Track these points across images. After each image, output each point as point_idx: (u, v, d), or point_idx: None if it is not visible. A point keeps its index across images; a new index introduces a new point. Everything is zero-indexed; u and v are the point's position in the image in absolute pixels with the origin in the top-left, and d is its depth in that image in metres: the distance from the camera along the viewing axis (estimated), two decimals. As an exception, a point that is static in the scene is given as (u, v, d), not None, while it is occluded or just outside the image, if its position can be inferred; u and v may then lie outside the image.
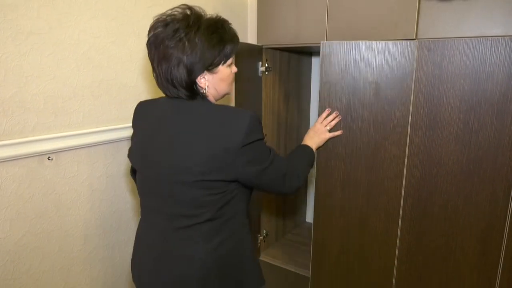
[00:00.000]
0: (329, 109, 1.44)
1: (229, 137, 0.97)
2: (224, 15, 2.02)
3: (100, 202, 1.58)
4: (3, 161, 1.26)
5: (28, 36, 1.28)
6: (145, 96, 1.70)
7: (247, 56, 1.60)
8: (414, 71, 1.37)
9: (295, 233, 2.13)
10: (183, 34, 0.97)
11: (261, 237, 1.87)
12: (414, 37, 1.34)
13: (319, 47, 1.63)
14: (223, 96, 1.12)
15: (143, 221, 1.18)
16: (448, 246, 1.42)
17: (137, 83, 1.66)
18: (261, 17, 1.68)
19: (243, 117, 0.98)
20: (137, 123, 1.17)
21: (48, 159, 1.38)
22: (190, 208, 1.03)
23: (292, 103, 1.96)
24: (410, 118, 1.41)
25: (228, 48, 1.03)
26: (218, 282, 1.06)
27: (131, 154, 1.20)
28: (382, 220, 1.48)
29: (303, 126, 2.10)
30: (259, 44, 1.69)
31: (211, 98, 1.08)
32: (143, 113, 1.16)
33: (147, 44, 1.05)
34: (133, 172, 1.30)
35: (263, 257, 1.87)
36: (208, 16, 1.06)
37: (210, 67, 1.01)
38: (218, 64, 1.03)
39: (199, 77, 1.01)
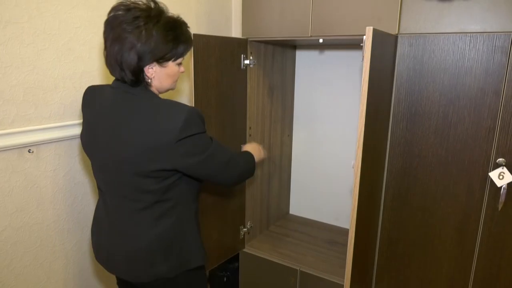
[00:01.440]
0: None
1: (165, 132, 1.02)
2: (208, 8, 2.03)
3: (83, 196, 1.56)
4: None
5: (6, 25, 1.24)
6: (128, 88, 1.68)
7: (231, 49, 1.59)
8: (396, 66, 1.40)
9: (278, 225, 2.15)
10: (142, 23, 1.02)
11: (245, 229, 1.89)
12: (397, 32, 1.37)
13: (303, 40, 1.64)
14: (166, 91, 1.18)
15: (99, 201, 1.26)
16: (427, 235, 1.47)
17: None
18: (246, 10, 1.67)
19: (179, 112, 1.04)
20: (85, 109, 1.21)
21: (29, 151, 1.35)
22: (136, 193, 1.11)
23: (276, 96, 1.97)
24: (392, 111, 1.44)
25: (181, 48, 1.09)
26: (164, 257, 1.15)
27: (82, 139, 1.23)
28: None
29: (287, 118, 2.12)
30: (244, 37, 1.69)
31: (153, 89, 1.13)
32: (91, 99, 1.20)
33: (104, 23, 1.07)
34: None
35: (247, 249, 1.89)
36: (170, 14, 1.10)
37: (161, 60, 1.07)
38: (169, 60, 1.09)
39: (147, 66, 1.06)
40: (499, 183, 1.29)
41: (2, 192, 1.30)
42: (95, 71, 1.53)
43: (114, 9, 1.05)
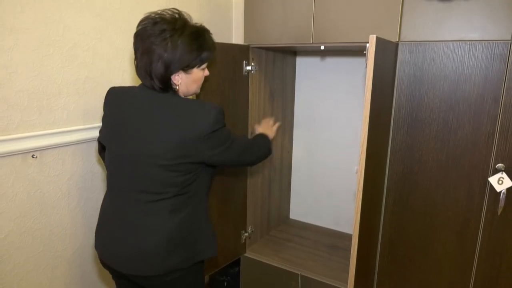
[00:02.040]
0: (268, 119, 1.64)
1: (197, 127, 1.11)
2: (210, 15, 2.05)
3: (85, 201, 1.56)
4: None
5: (12, 31, 1.25)
6: (130, 93, 1.69)
7: (233, 55, 1.61)
8: (397, 72, 1.42)
9: (279, 230, 2.16)
10: (168, 35, 1.09)
11: (246, 233, 1.90)
12: (397, 40, 1.40)
13: (303, 46, 1.66)
14: (192, 95, 1.26)
15: (110, 195, 1.27)
16: (428, 239, 1.49)
17: (122, 81, 1.65)
18: (248, 16, 1.69)
19: (209, 109, 1.13)
20: (111, 107, 1.26)
21: (32, 157, 1.36)
22: (159, 186, 1.16)
23: (277, 102, 1.99)
24: (392, 117, 1.46)
25: (204, 55, 1.17)
26: (180, 248, 1.20)
27: (103, 135, 1.28)
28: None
29: (287, 124, 2.14)
30: (246, 44, 1.71)
31: (180, 94, 1.20)
32: (118, 98, 1.25)
33: (134, 35, 1.16)
34: (102, 149, 1.35)
35: (249, 254, 1.89)
36: (193, 23, 1.18)
37: (186, 68, 1.14)
38: (193, 67, 1.16)
39: (174, 75, 1.13)
40: (498, 188, 1.32)
41: (6, 197, 1.30)
42: (98, 77, 1.54)
43: (142, 22, 1.14)
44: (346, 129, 2.04)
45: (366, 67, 1.11)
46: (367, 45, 1.09)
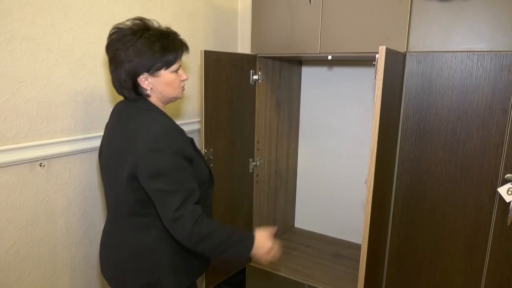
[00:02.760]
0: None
1: (141, 143, 1.05)
2: (216, 25, 2.06)
3: (92, 209, 1.56)
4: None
5: (22, 41, 1.26)
6: (137, 102, 1.69)
7: (240, 65, 1.62)
8: (404, 83, 1.42)
9: (284, 238, 2.15)
10: (129, 38, 1.09)
11: (252, 243, 1.89)
12: (405, 50, 1.40)
13: (309, 56, 1.67)
14: (172, 99, 1.21)
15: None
16: (436, 249, 1.48)
17: (130, 89, 1.66)
18: (255, 26, 1.70)
19: (153, 125, 1.07)
20: (107, 123, 1.27)
21: (40, 165, 1.36)
22: (127, 205, 1.14)
23: (283, 111, 1.99)
24: (400, 127, 1.46)
25: (170, 56, 1.12)
26: (134, 276, 1.15)
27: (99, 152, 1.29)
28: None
29: (293, 132, 2.14)
30: (253, 53, 1.71)
31: (155, 100, 1.17)
32: (111, 114, 1.26)
33: (105, 49, 1.16)
34: None
35: (254, 263, 1.88)
36: (160, 27, 1.16)
37: (151, 70, 1.11)
38: (160, 69, 1.12)
39: (140, 78, 1.11)
40: (507, 198, 1.31)
41: (14, 206, 1.30)
42: (106, 86, 1.54)
43: (109, 34, 1.13)
44: (351, 138, 2.04)
45: (375, 77, 1.12)
46: (377, 55, 1.09)
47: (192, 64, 1.96)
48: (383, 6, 1.39)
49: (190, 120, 1.99)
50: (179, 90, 1.20)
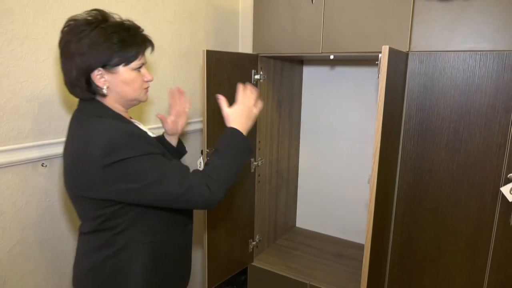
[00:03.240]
0: (245, 86, 1.22)
1: (88, 157, 0.94)
2: (217, 24, 2.06)
3: (94, 209, 1.56)
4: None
5: (24, 41, 1.26)
6: (139, 102, 1.69)
7: (242, 65, 1.62)
8: (407, 82, 1.42)
9: (286, 238, 2.15)
10: (82, 29, 0.96)
11: (254, 242, 1.89)
12: (407, 50, 1.40)
13: (311, 56, 1.67)
14: (133, 102, 1.09)
15: None
16: (438, 249, 1.48)
17: (131, 89, 1.65)
18: (257, 26, 1.70)
19: (102, 134, 0.94)
20: None
21: (42, 165, 1.36)
22: (81, 218, 1.08)
23: (284, 111, 1.99)
24: (402, 127, 1.46)
25: (130, 51, 1.00)
26: None
27: None
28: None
29: (294, 132, 2.14)
30: (255, 53, 1.71)
31: (111, 102, 1.04)
32: None
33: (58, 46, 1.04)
34: None
35: (256, 263, 1.88)
36: (121, 19, 1.04)
37: (108, 66, 0.98)
38: (118, 65, 0.99)
39: (95, 75, 0.98)
40: (510, 198, 1.31)
41: (16, 206, 1.30)
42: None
43: (63, 26, 1.01)
44: (352, 138, 2.04)
45: (378, 77, 1.12)
46: (380, 55, 1.09)
47: (192, 64, 1.96)
48: (385, 6, 1.39)
49: (192, 120, 1.99)
50: (140, 91, 1.07)
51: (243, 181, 1.77)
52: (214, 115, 1.50)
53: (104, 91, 1.01)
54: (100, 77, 0.99)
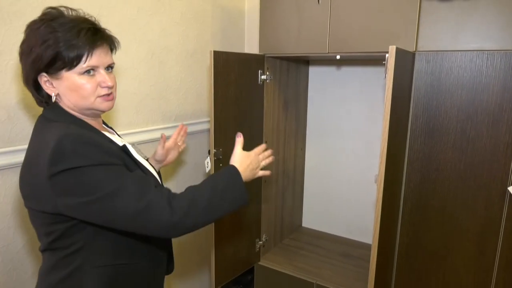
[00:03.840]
0: (265, 145, 1.17)
1: (37, 165, 0.85)
2: (223, 25, 2.07)
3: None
4: (8, 168, 1.25)
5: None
6: (146, 102, 1.71)
7: (249, 65, 1.63)
8: (414, 82, 1.43)
9: (292, 238, 2.16)
10: (33, 27, 0.88)
11: (261, 242, 1.90)
12: (414, 49, 1.40)
13: (318, 56, 1.67)
14: (88, 112, 0.96)
15: None
16: (446, 249, 1.48)
17: (138, 90, 1.67)
18: (263, 26, 1.71)
19: (50, 140, 0.84)
20: None
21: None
22: (37, 232, 0.97)
23: (290, 111, 2.00)
24: (409, 126, 1.46)
25: (70, 53, 0.86)
26: None
27: None
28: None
29: (300, 132, 2.14)
30: (261, 53, 1.72)
31: (69, 110, 0.94)
32: None
33: None
34: None
35: (263, 262, 1.89)
36: (81, 16, 0.94)
37: (51, 70, 0.88)
38: (60, 69, 0.88)
39: (42, 80, 0.90)
40: (518, 197, 1.31)
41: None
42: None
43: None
44: (358, 137, 2.04)
45: (385, 77, 1.12)
46: (387, 55, 1.10)
47: (199, 64, 1.97)
48: (392, 6, 1.40)
49: (199, 120, 2.01)
50: (93, 99, 0.92)
51: (250, 181, 1.77)
52: (221, 115, 1.51)
53: (53, 98, 0.92)
54: (49, 84, 0.90)
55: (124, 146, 0.99)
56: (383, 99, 1.83)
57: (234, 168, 1.01)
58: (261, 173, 1.12)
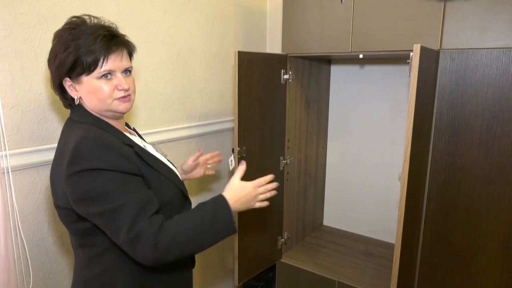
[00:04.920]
0: (272, 176, 1.11)
1: (61, 165, 0.91)
2: (245, 25, 2.10)
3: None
4: (43, 165, 1.32)
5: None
6: (171, 102, 1.76)
7: (272, 65, 1.65)
8: (438, 80, 1.42)
9: (314, 236, 2.17)
10: (59, 34, 0.95)
11: (283, 239, 1.92)
12: (439, 48, 1.40)
13: (340, 55, 1.68)
14: (107, 113, 1.01)
15: None
16: (471, 249, 1.46)
17: (164, 90, 1.72)
18: (286, 27, 1.73)
19: (72, 141, 0.90)
20: None
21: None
22: (69, 232, 1.02)
23: (312, 110, 2.01)
24: (433, 125, 1.46)
25: (87, 59, 0.92)
26: None
27: None
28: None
29: (322, 131, 2.15)
30: (284, 53, 1.74)
31: (91, 112, 1.01)
32: None
33: None
34: None
35: (285, 259, 1.91)
36: (102, 23, 1.00)
37: (72, 75, 0.94)
38: (80, 74, 0.94)
39: (66, 84, 0.97)
40: (546, 197, 1.29)
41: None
42: (142, 87, 1.61)
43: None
44: (381, 136, 2.04)
45: (409, 75, 1.12)
46: (411, 54, 1.10)
47: (222, 64, 2.01)
48: (416, 3, 1.39)
49: (222, 119, 2.05)
50: (110, 101, 0.97)
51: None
52: (245, 114, 1.54)
53: (76, 101, 0.99)
54: (71, 87, 0.98)
55: (139, 147, 1.02)
56: (406, 97, 1.82)
57: (222, 199, 0.99)
58: (257, 205, 1.07)
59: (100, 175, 0.87)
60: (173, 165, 1.20)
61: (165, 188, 1.02)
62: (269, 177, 1.09)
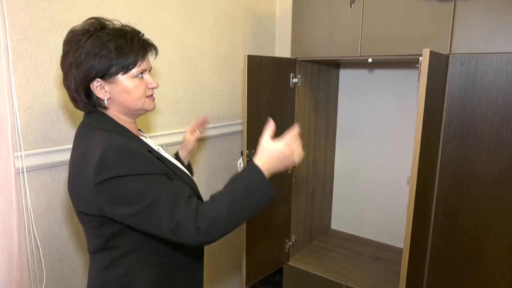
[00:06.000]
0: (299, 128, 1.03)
1: (85, 172, 0.91)
2: (255, 29, 2.12)
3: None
4: (56, 166, 1.34)
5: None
6: (181, 104, 1.78)
7: (281, 69, 1.66)
8: (447, 85, 1.42)
9: (321, 240, 2.17)
10: (79, 39, 0.94)
11: (290, 242, 1.92)
12: (448, 52, 1.40)
13: (349, 59, 1.69)
14: (138, 112, 1.04)
15: None
16: (480, 253, 1.46)
17: (174, 93, 1.74)
18: (295, 31, 1.74)
19: (96, 149, 0.89)
20: None
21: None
22: (87, 234, 1.03)
23: (321, 113, 2.02)
24: (442, 129, 1.46)
25: (127, 59, 0.95)
26: None
27: None
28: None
29: (330, 134, 2.16)
30: (293, 57, 1.76)
31: (115, 113, 1.01)
32: None
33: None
34: None
35: (292, 263, 1.92)
36: (120, 26, 1.00)
37: (106, 76, 0.94)
38: (116, 74, 0.95)
39: (94, 86, 0.95)
40: (557, 202, 1.28)
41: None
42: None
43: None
44: (389, 140, 2.04)
45: (418, 80, 1.13)
46: (420, 58, 1.10)
47: (231, 68, 2.03)
48: (425, 8, 1.40)
49: (230, 122, 2.06)
50: (143, 100, 1.00)
51: (281, 182, 1.81)
52: (254, 117, 1.55)
53: (106, 102, 0.98)
54: (100, 88, 0.96)
55: (156, 152, 1.03)
56: (415, 101, 1.82)
57: (253, 167, 0.93)
58: (297, 160, 0.99)
59: (128, 179, 0.88)
60: (184, 166, 1.21)
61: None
62: (297, 129, 1.01)
